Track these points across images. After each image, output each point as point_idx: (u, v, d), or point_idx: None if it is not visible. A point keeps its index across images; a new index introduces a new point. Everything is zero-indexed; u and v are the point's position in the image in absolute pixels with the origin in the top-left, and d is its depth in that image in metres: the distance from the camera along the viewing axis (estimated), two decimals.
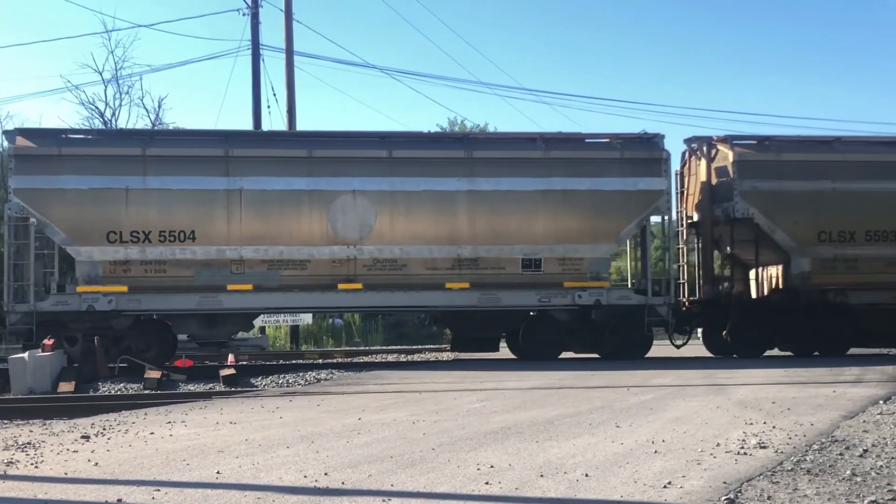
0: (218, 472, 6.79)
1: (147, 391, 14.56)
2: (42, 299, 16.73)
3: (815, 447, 7.51)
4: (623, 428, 8.75)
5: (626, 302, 18.13)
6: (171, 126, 35.10)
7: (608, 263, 18.82)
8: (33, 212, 16.67)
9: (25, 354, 14.85)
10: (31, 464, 7.37)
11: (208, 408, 11.40)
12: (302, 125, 30.09)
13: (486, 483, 6.28)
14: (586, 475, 6.48)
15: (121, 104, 35.07)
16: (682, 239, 20.28)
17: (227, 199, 17.17)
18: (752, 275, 20.47)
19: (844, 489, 5.99)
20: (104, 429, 9.40)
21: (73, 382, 14.90)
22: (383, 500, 5.82)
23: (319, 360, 20.27)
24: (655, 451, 7.39)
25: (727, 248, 19.74)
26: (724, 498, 5.72)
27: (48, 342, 15.57)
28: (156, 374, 15.25)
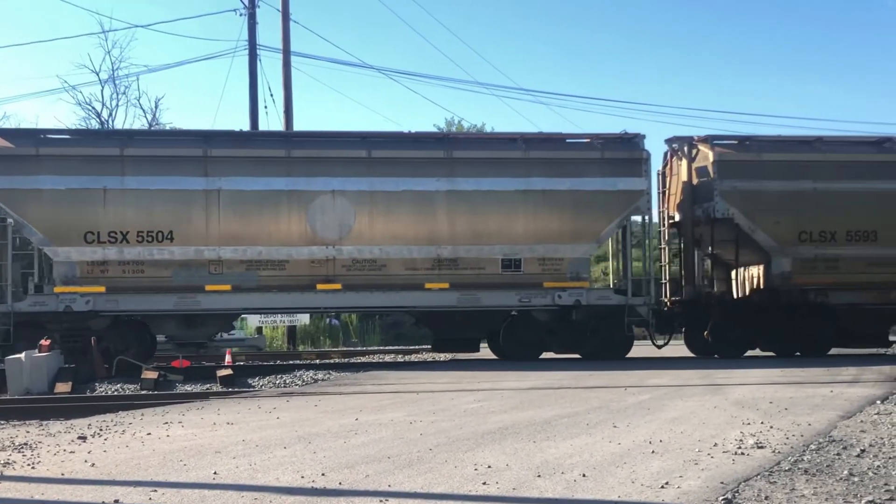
0: (215, 473, 6.78)
1: (144, 392, 14.53)
2: (20, 300, 16.71)
3: (813, 447, 7.52)
4: (620, 428, 8.75)
5: (606, 302, 18.11)
6: (168, 126, 35.11)
7: (588, 264, 18.79)
8: (10, 212, 16.63)
9: (22, 355, 14.80)
10: (28, 464, 7.36)
11: (205, 408, 11.39)
12: (299, 125, 30.11)
13: (484, 483, 6.27)
14: (584, 475, 6.48)
15: (118, 105, 35.13)
16: (665, 239, 20.30)
17: (205, 199, 17.13)
18: (734, 275, 20.46)
19: (842, 489, 5.99)
20: (101, 429, 9.39)
21: (70, 383, 14.85)
22: (380, 501, 5.81)
23: (316, 361, 20.27)
24: (653, 452, 7.39)
25: (708, 248, 19.73)
26: (721, 498, 5.72)
27: (45, 343, 15.53)
28: (153, 374, 15.22)
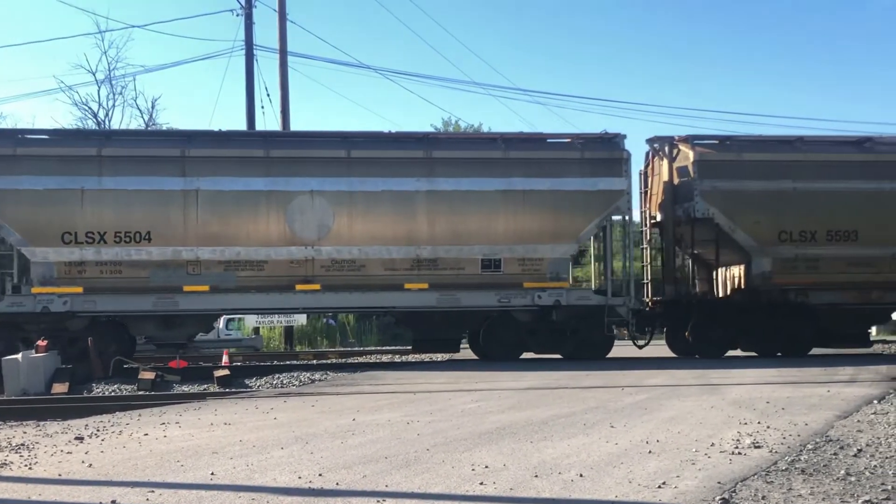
0: (212, 474, 6.78)
1: (141, 392, 14.51)
2: None
3: (810, 447, 7.52)
4: (618, 428, 8.75)
5: (585, 302, 18.09)
6: (165, 127, 35.08)
7: (568, 264, 18.76)
8: None
9: (19, 355, 14.80)
10: (25, 465, 7.35)
11: (202, 409, 11.38)
12: (296, 125, 30.11)
13: (481, 483, 6.28)
14: (581, 475, 6.48)
15: (114, 105, 35.13)
16: (647, 239, 20.32)
17: (183, 199, 17.08)
18: (716, 275, 20.45)
19: (839, 489, 6.00)
20: (98, 430, 9.38)
21: (67, 383, 14.84)
22: (378, 501, 5.81)
23: (314, 361, 20.24)
24: (650, 452, 7.40)
25: (689, 248, 19.75)
26: (718, 498, 5.72)
27: (42, 343, 15.52)
28: (150, 375, 15.21)
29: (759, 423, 8.94)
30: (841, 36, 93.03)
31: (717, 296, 20.27)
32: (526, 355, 18.35)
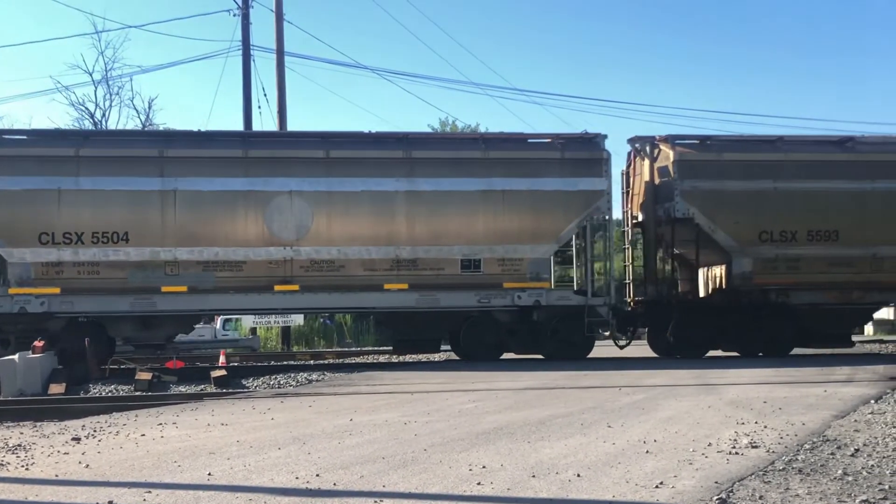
0: (209, 474, 6.77)
1: (138, 393, 14.50)
2: None
3: (807, 447, 7.53)
4: (615, 428, 8.75)
5: (566, 302, 18.08)
6: (161, 127, 35.06)
7: (549, 264, 18.67)
8: None
9: (16, 356, 14.78)
10: (22, 466, 7.34)
11: (199, 409, 11.37)
12: (293, 126, 30.05)
13: (478, 483, 6.28)
14: (578, 475, 6.48)
15: (111, 105, 35.07)
16: (629, 239, 20.30)
17: (161, 199, 17.03)
18: (698, 275, 20.40)
19: (836, 488, 6.00)
20: (95, 430, 9.37)
21: (64, 384, 14.84)
22: (375, 501, 5.81)
23: (311, 361, 20.23)
24: (647, 451, 7.40)
25: (672, 248, 19.75)
26: (715, 498, 5.73)
27: (38, 344, 15.49)
28: (147, 375, 15.20)
29: (756, 422, 8.95)
30: (849, 35, 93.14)
31: (699, 296, 20.25)
32: (526, 356, 18.33)
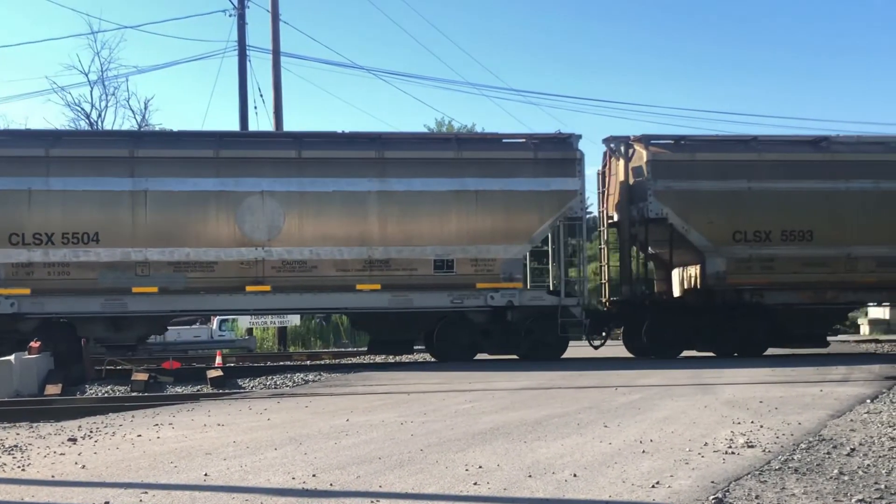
0: (206, 475, 6.76)
1: (134, 393, 14.50)
2: None
3: (803, 446, 7.54)
4: (611, 428, 8.76)
5: (539, 303, 18.09)
6: (158, 128, 35.04)
7: (522, 264, 18.68)
8: None
9: (12, 357, 14.76)
10: (18, 466, 7.33)
11: (196, 410, 11.36)
12: (289, 126, 30.09)
13: (475, 483, 6.28)
14: (574, 475, 6.48)
15: (107, 106, 35.09)
16: (604, 239, 20.31)
17: (131, 200, 17.00)
18: (674, 275, 20.40)
19: (832, 488, 6.01)
20: (91, 431, 9.35)
21: (60, 385, 14.83)
22: (372, 502, 5.81)
23: (307, 362, 20.22)
24: (643, 451, 7.41)
25: (647, 249, 19.74)
26: (712, 497, 5.73)
27: (35, 344, 15.47)
28: (143, 376, 15.21)
29: (752, 422, 8.96)
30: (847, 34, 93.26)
31: (673, 296, 20.23)
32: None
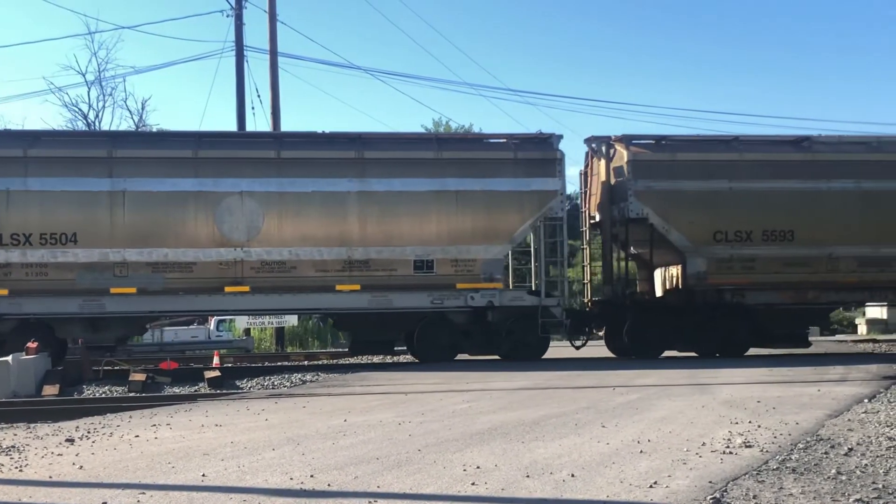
0: (203, 475, 6.76)
1: (132, 394, 14.49)
2: None
3: (801, 446, 7.55)
4: (609, 428, 8.76)
5: (519, 303, 18.09)
6: (155, 128, 35.01)
7: (502, 264, 18.65)
8: None
9: (9, 357, 14.74)
10: (16, 467, 7.32)
11: (193, 410, 11.34)
12: (287, 126, 30.04)
13: (473, 484, 6.27)
14: (572, 475, 6.49)
15: (104, 106, 35.03)
16: (586, 239, 20.29)
17: (109, 200, 16.99)
18: (656, 275, 20.40)
19: (830, 488, 6.02)
20: (89, 432, 9.34)
21: (58, 385, 14.82)
22: (370, 502, 5.81)
23: (305, 362, 20.21)
24: (641, 451, 7.41)
25: (629, 249, 19.74)
26: (709, 497, 5.73)
27: (32, 345, 15.45)
28: (140, 376, 15.20)
29: (750, 422, 8.96)
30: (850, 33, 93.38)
31: (655, 296, 20.22)
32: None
